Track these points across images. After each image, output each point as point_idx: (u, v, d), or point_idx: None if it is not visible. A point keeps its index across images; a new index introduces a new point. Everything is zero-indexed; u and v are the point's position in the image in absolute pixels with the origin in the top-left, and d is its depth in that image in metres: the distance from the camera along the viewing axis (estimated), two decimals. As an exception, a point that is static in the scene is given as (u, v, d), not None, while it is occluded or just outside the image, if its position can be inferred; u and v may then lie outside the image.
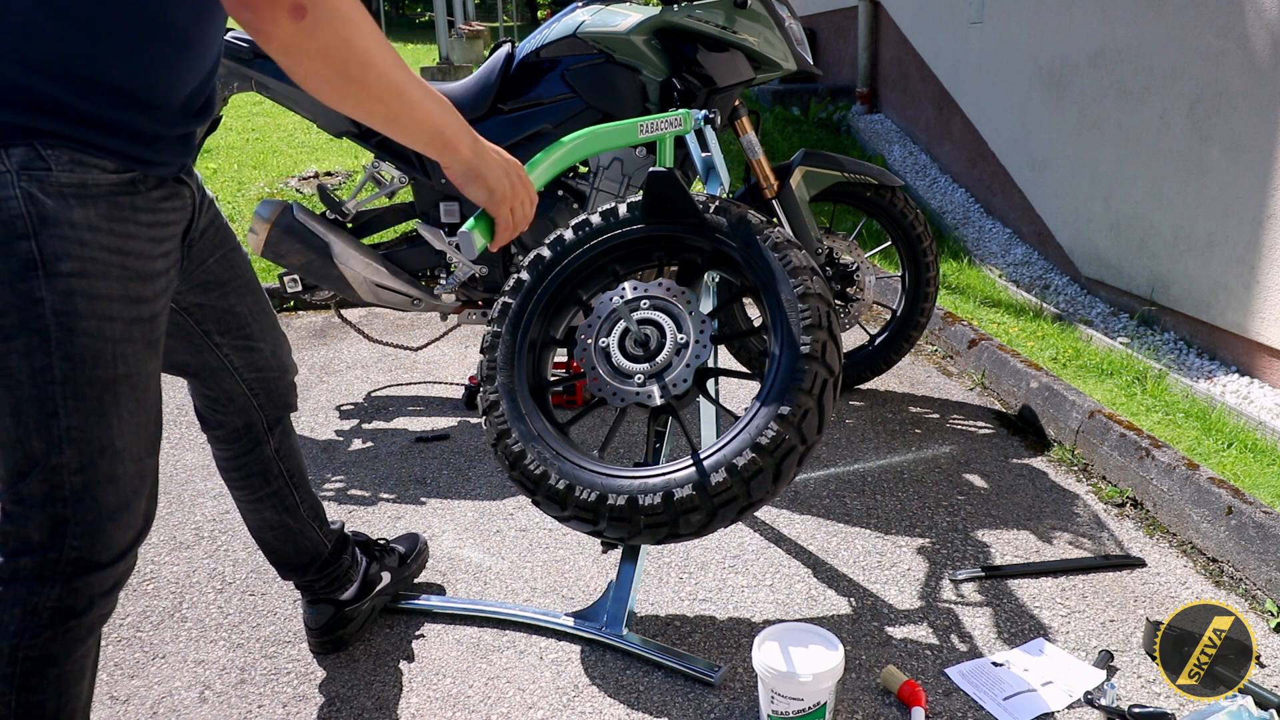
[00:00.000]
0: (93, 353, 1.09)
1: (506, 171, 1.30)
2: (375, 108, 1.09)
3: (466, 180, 1.26)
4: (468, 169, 1.25)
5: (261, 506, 1.65)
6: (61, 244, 1.05)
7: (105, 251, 1.09)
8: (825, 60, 7.02)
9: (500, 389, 1.80)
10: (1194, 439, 2.44)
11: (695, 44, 2.50)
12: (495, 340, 1.86)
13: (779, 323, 1.67)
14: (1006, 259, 4.14)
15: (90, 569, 1.14)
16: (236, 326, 1.47)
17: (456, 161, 1.23)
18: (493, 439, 1.77)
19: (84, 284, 1.07)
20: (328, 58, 1.01)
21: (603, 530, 1.66)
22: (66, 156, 1.05)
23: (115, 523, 1.15)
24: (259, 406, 1.57)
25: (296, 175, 5.37)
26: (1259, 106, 2.73)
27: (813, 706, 1.49)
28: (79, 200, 1.06)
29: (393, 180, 2.76)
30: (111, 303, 1.10)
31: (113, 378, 1.11)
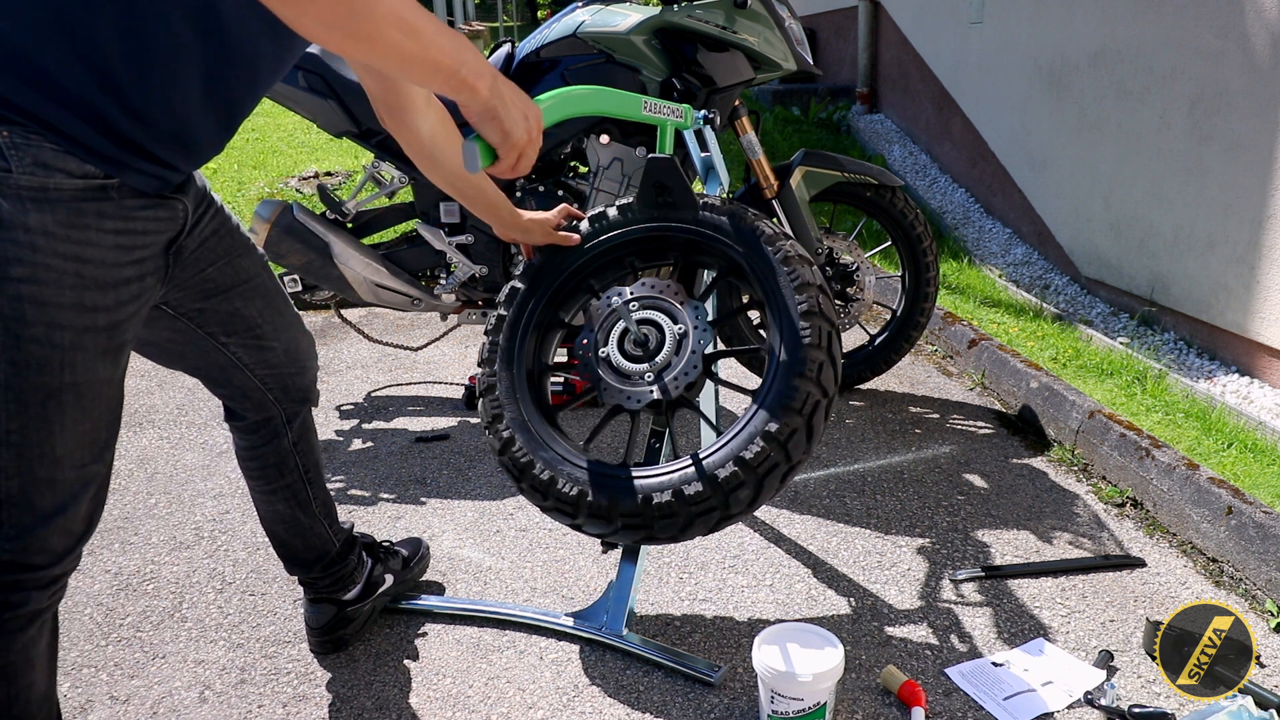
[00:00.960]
0: (39, 359, 1.08)
1: (525, 115, 1.23)
2: (387, 49, 1.01)
3: (482, 120, 1.19)
4: (485, 109, 1.17)
5: (274, 499, 1.65)
6: (13, 248, 1.03)
7: (59, 259, 1.07)
8: (825, 60, 7.02)
9: (498, 374, 1.81)
10: (1194, 439, 2.44)
11: (695, 44, 2.50)
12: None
13: (780, 335, 1.66)
14: (1006, 259, 4.14)
15: (22, 570, 1.13)
16: (244, 328, 1.46)
17: (475, 101, 1.15)
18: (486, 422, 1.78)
19: (34, 290, 1.05)
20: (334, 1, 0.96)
21: (581, 524, 1.67)
22: (30, 158, 1.03)
23: (50, 527, 1.14)
24: (275, 401, 1.57)
25: (296, 175, 5.37)
26: (1259, 106, 2.73)
27: (813, 706, 1.49)
28: (36, 205, 1.04)
29: (393, 180, 2.76)
30: (62, 310, 1.08)
31: (59, 385, 1.10)
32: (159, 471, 2.51)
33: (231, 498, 2.36)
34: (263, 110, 7.27)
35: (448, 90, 1.12)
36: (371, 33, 0.99)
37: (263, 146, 6.13)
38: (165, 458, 2.59)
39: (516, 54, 2.66)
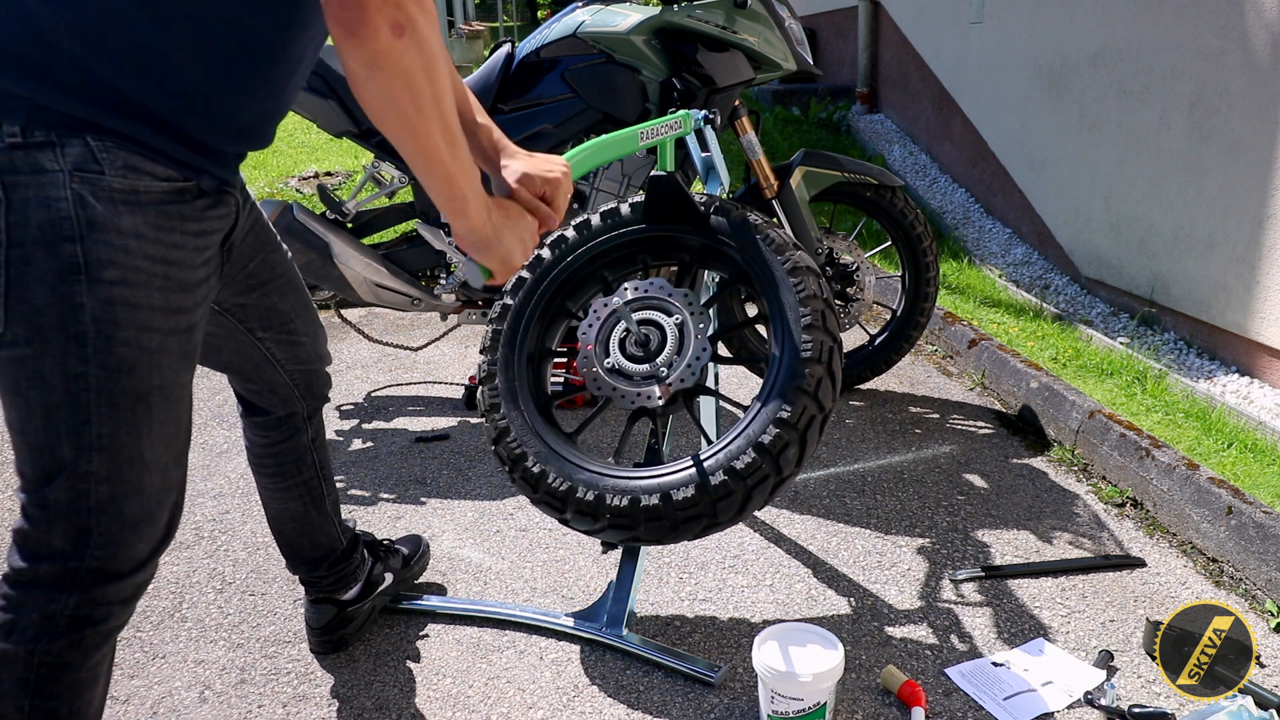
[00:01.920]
0: (129, 362, 1.08)
1: (523, 239, 1.27)
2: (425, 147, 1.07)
3: (474, 249, 1.23)
4: (478, 239, 1.21)
5: (289, 496, 1.65)
6: (107, 250, 1.04)
7: (149, 261, 1.08)
8: (825, 60, 7.02)
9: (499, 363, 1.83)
10: (1194, 439, 2.44)
11: (695, 44, 2.50)
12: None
13: (781, 346, 1.66)
14: (1006, 259, 4.14)
15: (109, 579, 1.13)
16: (280, 322, 1.48)
17: (468, 231, 1.19)
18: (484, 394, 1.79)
19: (126, 293, 1.06)
20: (408, 82, 1.01)
21: (569, 520, 1.69)
22: (120, 161, 1.04)
23: (137, 534, 1.14)
24: (301, 397, 1.59)
25: (296, 175, 5.37)
26: (1259, 106, 2.73)
27: (813, 706, 1.49)
28: (128, 207, 1.05)
29: (393, 180, 2.76)
30: (152, 313, 1.09)
31: (147, 389, 1.10)
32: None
33: (231, 498, 2.36)
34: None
35: (446, 208, 1.16)
36: (419, 125, 1.04)
37: (263, 146, 6.12)
38: (165, 458, 2.59)
39: (516, 54, 2.66)
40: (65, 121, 1.01)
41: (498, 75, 2.62)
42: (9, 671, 1.09)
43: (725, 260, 1.82)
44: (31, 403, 1.06)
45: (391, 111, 1.03)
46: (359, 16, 0.96)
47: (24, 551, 1.11)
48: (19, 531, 1.11)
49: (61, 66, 1.00)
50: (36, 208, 1.00)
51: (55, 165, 1.01)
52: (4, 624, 1.10)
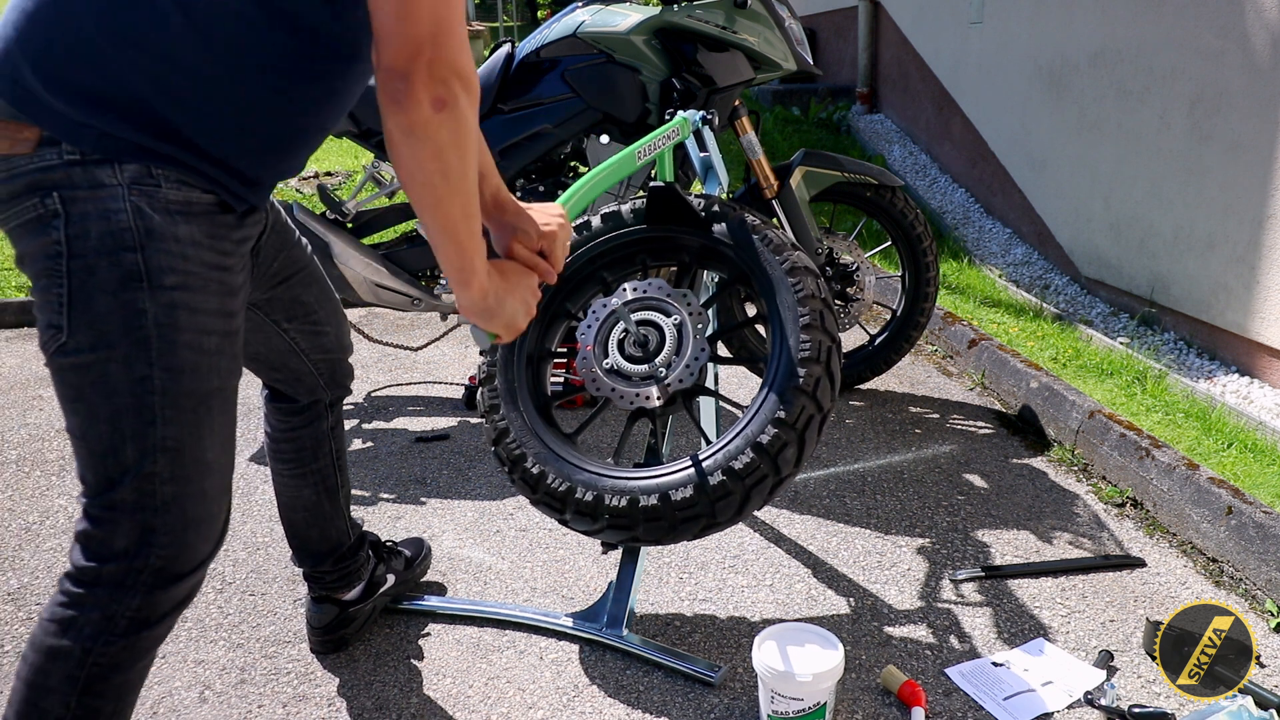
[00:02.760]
0: (191, 365, 1.11)
1: (525, 301, 1.31)
2: (443, 217, 1.10)
3: (479, 317, 1.27)
4: (481, 309, 1.25)
5: (303, 483, 1.67)
6: (166, 258, 1.08)
7: (205, 267, 1.12)
8: (825, 60, 7.02)
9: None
10: (1194, 439, 2.44)
11: (695, 44, 2.50)
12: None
13: (779, 346, 1.66)
14: (1006, 259, 4.14)
15: (170, 580, 1.15)
16: (304, 314, 1.51)
17: (470, 301, 1.23)
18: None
19: (185, 297, 1.10)
20: (440, 155, 1.04)
21: (568, 520, 1.70)
22: (174, 176, 1.08)
23: (199, 533, 1.17)
24: (325, 385, 1.62)
25: (297, 175, 5.37)
26: (1259, 106, 2.73)
27: (813, 706, 1.49)
28: (184, 217, 1.09)
29: (393, 180, 2.76)
30: (210, 316, 1.13)
31: (208, 390, 1.14)
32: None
33: (232, 497, 2.36)
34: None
35: (453, 277, 1.19)
36: (443, 197, 1.08)
37: (263, 146, 6.12)
38: (165, 458, 2.59)
39: (516, 54, 2.66)
40: (123, 146, 1.05)
41: (498, 75, 2.62)
42: (60, 667, 1.11)
43: (724, 261, 1.82)
44: (96, 408, 1.09)
45: (419, 178, 1.06)
46: (406, 89, 1.00)
47: (88, 552, 1.13)
48: (82, 533, 1.13)
49: (123, 98, 1.04)
50: (96, 220, 1.05)
51: (113, 180, 1.05)
52: (63, 620, 1.12)
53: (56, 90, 1.03)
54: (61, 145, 1.03)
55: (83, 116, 1.03)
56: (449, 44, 1.01)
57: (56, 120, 1.03)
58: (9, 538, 2.19)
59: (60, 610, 1.13)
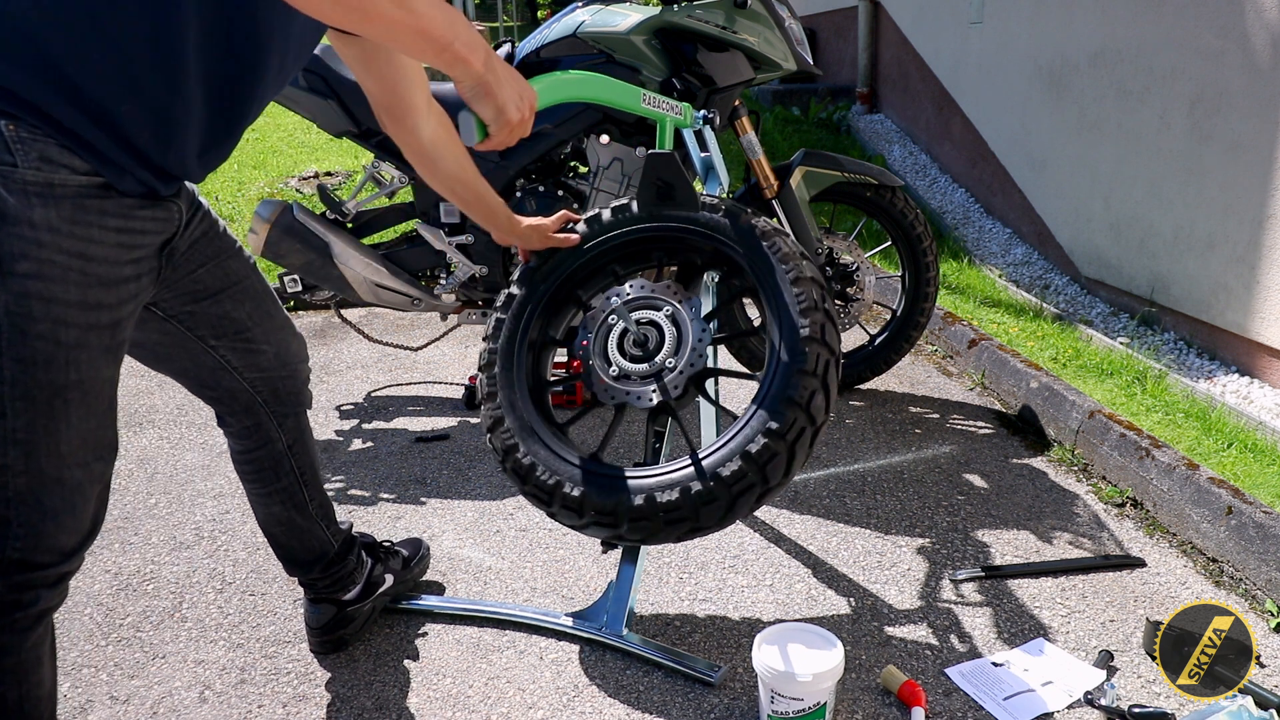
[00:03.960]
0: (45, 356, 1.08)
1: (520, 94, 1.25)
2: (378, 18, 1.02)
3: (475, 96, 1.20)
4: (479, 83, 1.18)
5: (270, 501, 1.65)
6: (19, 244, 1.03)
7: (65, 255, 1.07)
8: (825, 60, 7.02)
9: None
10: (1194, 439, 2.44)
11: (695, 44, 2.50)
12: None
13: (775, 357, 1.65)
14: (1006, 259, 4.14)
15: (31, 568, 1.13)
16: (233, 331, 1.46)
17: (468, 75, 1.16)
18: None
19: (40, 286, 1.05)
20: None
21: (555, 513, 1.70)
22: (35, 152, 1.03)
23: (58, 525, 1.14)
24: (264, 404, 1.57)
25: (296, 175, 5.37)
26: (1259, 106, 2.73)
27: (813, 706, 1.49)
28: (42, 200, 1.04)
29: (393, 180, 2.76)
30: (68, 308, 1.08)
31: (64, 383, 1.10)
32: (159, 471, 2.51)
33: (231, 498, 2.36)
34: (263, 110, 7.26)
35: (440, 64, 1.13)
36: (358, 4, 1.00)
37: (263, 146, 6.12)
38: (165, 458, 2.59)
39: (516, 54, 2.66)
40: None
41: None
42: None
43: (731, 265, 1.81)
44: None
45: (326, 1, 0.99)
46: None
47: None
48: None
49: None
50: None
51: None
52: None
53: None
54: None
55: None
56: None
57: None
58: None
59: None
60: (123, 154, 1.09)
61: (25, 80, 1.01)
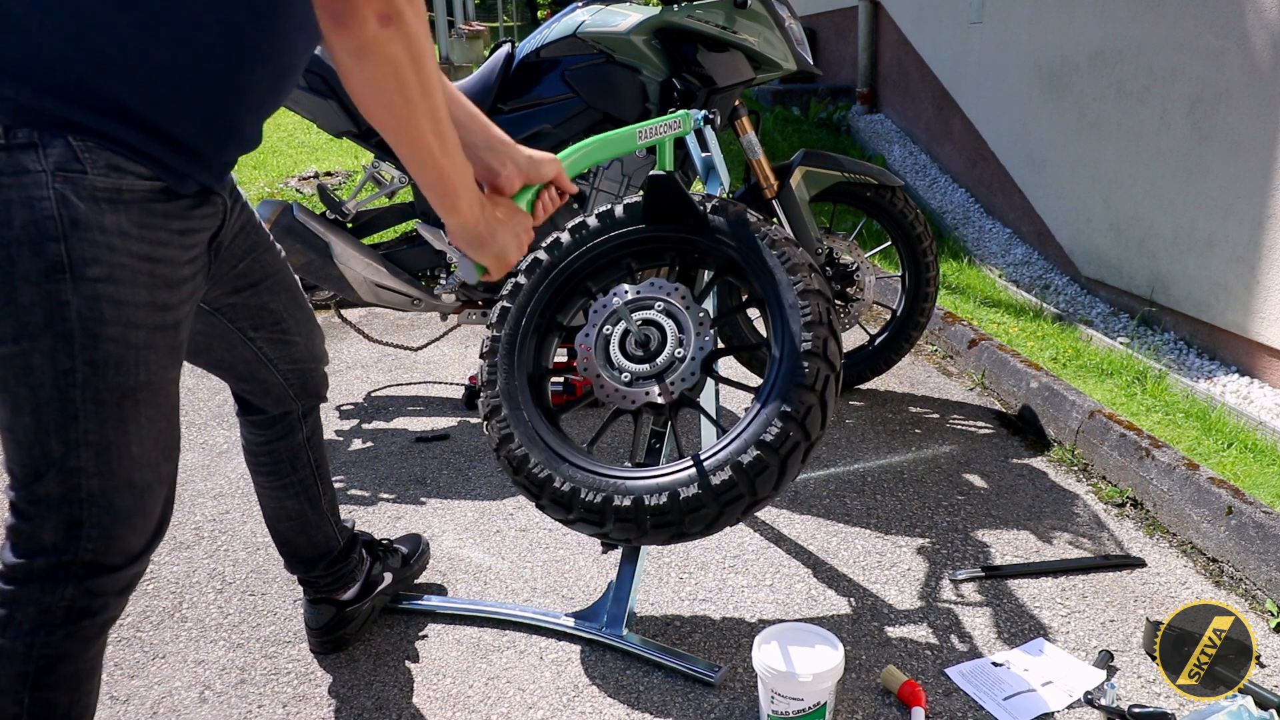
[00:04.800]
0: (116, 359, 1.09)
1: (517, 235, 1.30)
2: (413, 138, 1.08)
3: (469, 245, 1.26)
4: (473, 236, 1.24)
5: (284, 494, 1.66)
6: (91, 249, 1.05)
7: (134, 258, 1.09)
8: (825, 60, 7.02)
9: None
10: (1194, 439, 2.44)
11: (695, 44, 2.50)
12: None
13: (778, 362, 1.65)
14: (1006, 259, 4.14)
15: (103, 571, 1.14)
16: (271, 322, 1.48)
17: (462, 228, 1.22)
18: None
19: (111, 290, 1.07)
20: (395, 71, 1.03)
21: (544, 506, 1.71)
22: (103, 160, 1.05)
23: (129, 527, 1.15)
24: (295, 396, 1.59)
25: (296, 175, 5.37)
26: (1259, 106, 2.73)
27: (813, 706, 1.49)
28: (111, 205, 1.06)
29: (393, 180, 2.76)
30: (138, 309, 1.10)
31: (134, 385, 1.11)
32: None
33: (231, 498, 2.36)
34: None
35: (438, 204, 1.17)
36: (406, 117, 1.06)
37: (263, 146, 6.12)
38: (165, 458, 2.59)
39: (516, 54, 2.66)
40: (48, 121, 1.02)
41: (497, 75, 2.62)
42: (7, 666, 1.10)
43: (739, 276, 1.80)
44: (20, 400, 1.07)
45: (379, 102, 1.04)
46: (346, 7, 0.98)
47: (17, 548, 1.11)
48: (11, 528, 1.11)
49: (46, 68, 1.01)
50: (20, 208, 1.02)
51: (38, 166, 1.02)
52: (1, 620, 1.10)
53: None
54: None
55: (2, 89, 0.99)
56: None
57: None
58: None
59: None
60: (181, 159, 1.11)
61: (82, 111, 1.03)
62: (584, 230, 1.91)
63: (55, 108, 1.02)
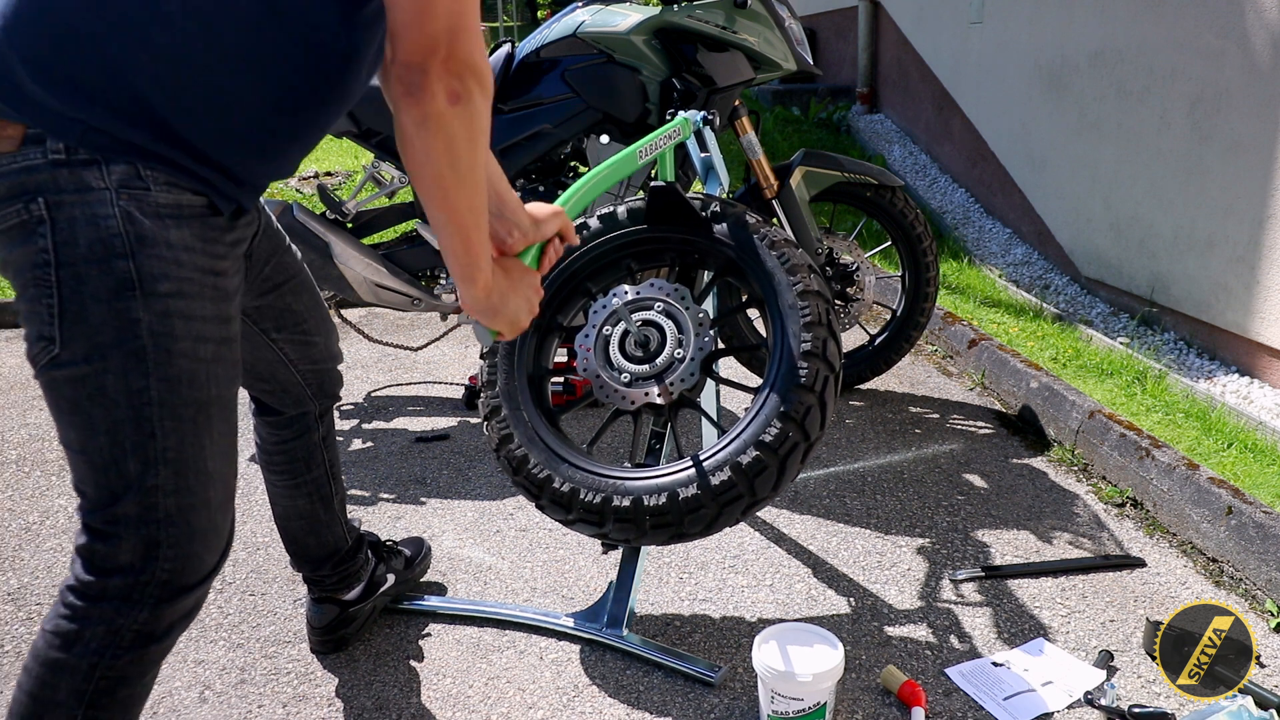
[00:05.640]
0: (189, 374, 1.09)
1: (528, 299, 1.31)
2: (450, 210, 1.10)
3: (483, 315, 1.26)
4: (484, 308, 1.25)
5: (298, 493, 1.66)
6: (159, 264, 1.05)
7: (199, 272, 1.09)
8: (825, 60, 7.02)
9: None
10: (1194, 439, 2.44)
11: (695, 44, 2.50)
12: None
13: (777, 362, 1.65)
14: (1006, 259, 4.14)
15: (178, 592, 1.13)
16: (294, 323, 1.49)
17: (473, 299, 1.23)
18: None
19: (180, 305, 1.07)
20: (451, 147, 1.04)
21: (544, 506, 1.72)
22: (164, 178, 1.05)
23: (204, 544, 1.14)
24: (312, 396, 1.60)
25: (296, 175, 5.37)
26: (1259, 106, 2.73)
27: (813, 706, 1.49)
28: (175, 221, 1.06)
29: (393, 180, 2.76)
30: (206, 323, 1.10)
31: (207, 399, 1.11)
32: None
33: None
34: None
35: (457, 274, 1.18)
36: (452, 189, 1.07)
37: (263, 146, 6.12)
38: (165, 458, 2.59)
39: (516, 54, 2.66)
40: (112, 144, 1.02)
41: (498, 75, 2.62)
42: (67, 682, 1.09)
43: (742, 279, 1.81)
44: (94, 420, 1.06)
45: (429, 170, 1.06)
46: (421, 81, 1.00)
47: (90, 566, 1.10)
48: (84, 547, 1.10)
49: (119, 93, 1.01)
50: (85, 226, 1.01)
51: (101, 183, 1.01)
52: (67, 634, 1.09)
53: (44, 81, 0.99)
54: (46, 143, 1.00)
55: (70, 110, 0.99)
56: (465, 40, 1.01)
57: (41, 113, 0.99)
58: (9, 538, 2.19)
59: (64, 624, 1.10)
60: (230, 185, 1.12)
61: (145, 135, 1.03)
62: (585, 230, 1.91)
63: (121, 131, 1.02)
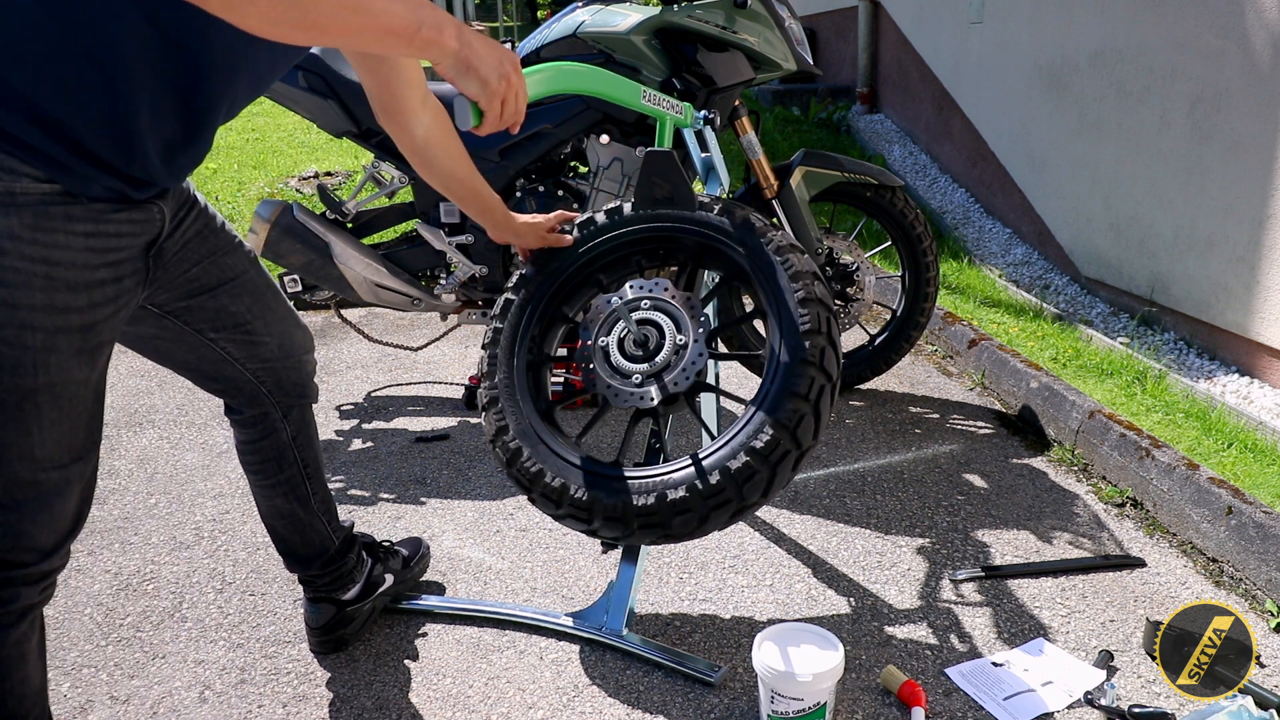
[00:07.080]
0: (12, 361, 1.08)
1: (500, 61, 1.23)
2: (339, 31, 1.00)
3: (457, 74, 1.19)
4: (457, 61, 1.17)
5: (273, 493, 1.66)
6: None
7: (26, 261, 1.07)
8: (825, 60, 7.02)
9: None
10: (1194, 439, 2.44)
11: (695, 44, 2.50)
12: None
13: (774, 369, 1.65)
14: (1006, 259, 4.14)
15: (11, 567, 1.14)
16: (232, 324, 1.47)
17: (444, 56, 1.15)
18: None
19: (3, 293, 1.06)
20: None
21: (535, 500, 1.71)
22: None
23: (36, 525, 1.15)
24: (269, 395, 1.58)
25: (296, 175, 5.37)
26: (1259, 106, 2.73)
27: (813, 706, 1.49)
28: (3, 209, 1.05)
29: (393, 180, 2.76)
30: (33, 312, 1.09)
31: (33, 387, 1.11)
32: (159, 471, 2.51)
33: (231, 498, 2.36)
34: (263, 110, 7.27)
35: (413, 53, 1.11)
36: (318, 19, 0.98)
37: (263, 146, 6.13)
38: (165, 458, 2.59)
39: (517, 54, 2.66)
40: None
41: (498, 75, 2.61)
42: None
43: (744, 281, 1.80)
44: None
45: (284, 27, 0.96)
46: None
47: None
48: None
49: None
50: None
51: None
52: None
53: None
54: None
55: None
56: None
57: None
58: None
59: None
60: (83, 163, 1.09)
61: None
62: (591, 226, 1.90)
63: None
